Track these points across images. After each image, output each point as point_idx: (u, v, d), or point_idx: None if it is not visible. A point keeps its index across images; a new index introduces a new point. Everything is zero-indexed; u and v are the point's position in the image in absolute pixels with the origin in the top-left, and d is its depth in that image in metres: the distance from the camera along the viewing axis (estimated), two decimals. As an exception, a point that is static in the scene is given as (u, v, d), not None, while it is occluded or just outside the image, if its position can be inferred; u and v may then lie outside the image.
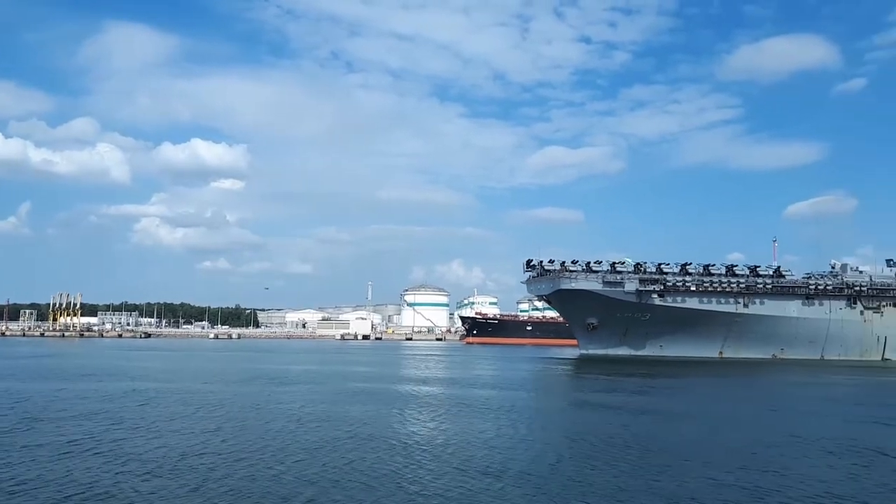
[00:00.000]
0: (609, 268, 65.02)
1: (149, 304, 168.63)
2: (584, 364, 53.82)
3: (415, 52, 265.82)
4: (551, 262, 65.97)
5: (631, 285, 62.79)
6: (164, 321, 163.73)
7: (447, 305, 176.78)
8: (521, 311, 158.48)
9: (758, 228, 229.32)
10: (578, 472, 12.52)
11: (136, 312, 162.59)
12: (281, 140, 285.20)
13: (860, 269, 68.65)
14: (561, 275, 63.54)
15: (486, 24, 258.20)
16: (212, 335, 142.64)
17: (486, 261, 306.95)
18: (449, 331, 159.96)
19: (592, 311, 64.39)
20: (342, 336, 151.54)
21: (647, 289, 62.62)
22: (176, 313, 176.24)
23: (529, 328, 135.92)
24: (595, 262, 65.59)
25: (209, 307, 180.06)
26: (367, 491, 11.06)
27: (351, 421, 18.84)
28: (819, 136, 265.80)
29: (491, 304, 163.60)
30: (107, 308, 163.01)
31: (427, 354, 71.20)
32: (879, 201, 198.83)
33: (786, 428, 18.75)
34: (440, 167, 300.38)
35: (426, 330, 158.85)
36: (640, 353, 64.88)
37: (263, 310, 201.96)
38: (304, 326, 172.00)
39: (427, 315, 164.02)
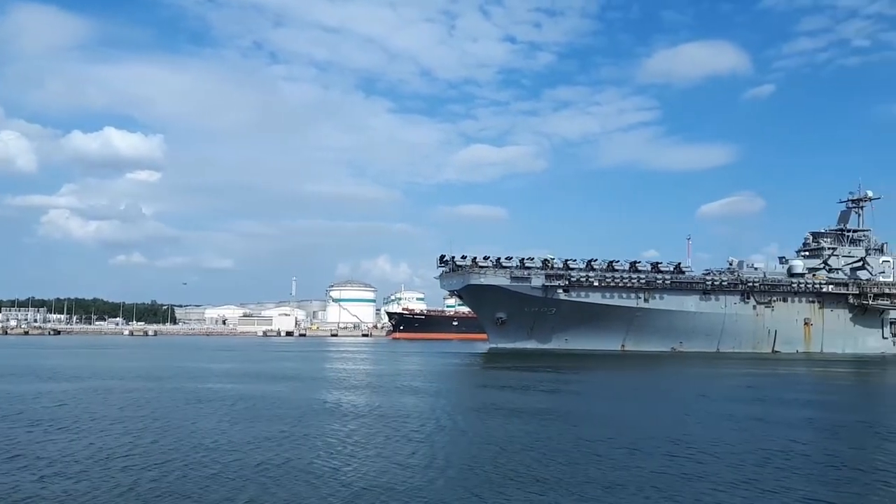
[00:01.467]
0: (518, 263, 66.04)
1: (58, 299, 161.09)
2: (492, 358, 54.55)
3: (341, 45, 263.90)
4: (464, 258, 66.48)
5: (537, 281, 63.98)
6: (74, 318, 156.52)
7: (374, 301, 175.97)
8: (447, 307, 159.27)
9: (673, 227, 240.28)
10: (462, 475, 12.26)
11: (45, 308, 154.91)
12: (200, 131, 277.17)
13: (755, 265, 72.10)
14: (471, 270, 64.15)
15: (413, 20, 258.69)
16: (126, 332, 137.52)
17: (413, 256, 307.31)
18: (375, 327, 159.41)
19: (501, 305, 65.33)
20: (264, 333, 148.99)
21: (553, 284, 63.93)
22: (88, 309, 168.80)
23: (455, 323, 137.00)
24: (506, 259, 66.49)
25: (123, 303, 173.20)
26: (311, 487, 10.98)
27: (280, 419, 18.45)
28: (730, 139, 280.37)
29: (418, 299, 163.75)
30: (11, 304, 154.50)
31: (344, 351, 70.65)
32: (785, 202, 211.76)
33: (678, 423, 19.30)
34: (367, 162, 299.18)
35: (352, 326, 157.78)
36: (546, 346, 66.24)
37: (181, 306, 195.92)
38: (224, 323, 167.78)
39: (353, 311, 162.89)
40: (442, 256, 67.98)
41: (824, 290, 68.19)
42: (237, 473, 11.80)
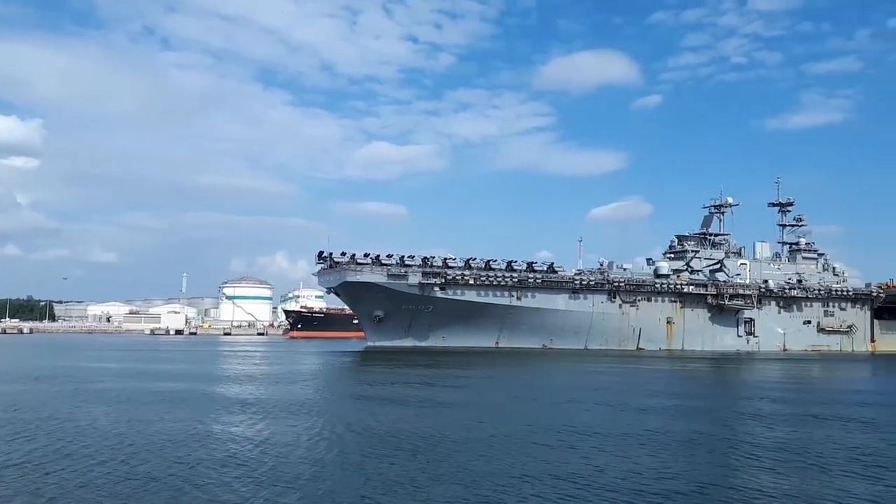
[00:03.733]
0: (398, 261, 66.36)
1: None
2: (369, 357, 54.56)
3: (238, 35, 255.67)
4: (343, 254, 66.07)
5: (414, 278, 64.53)
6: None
7: (270, 299, 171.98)
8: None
9: (566, 229, 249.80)
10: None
11: None
12: (84, 117, 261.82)
13: (624, 266, 75.56)
14: (347, 267, 63.90)
15: (314, 14, 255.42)
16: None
17: (311, 253, 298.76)
18: (272, 325, 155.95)
19: (378, 303, 65.46)
20: (152, 331, 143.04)
21: (430, 282, 64.65)
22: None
23: (356, 321, 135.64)
24: (386, 256, 66.67)
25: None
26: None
27: (164, 421, 17.83)
28: (621, 146, 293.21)
29: (317, 297, 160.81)
30: None
31: (229, 350, 68.79)
32: (670, 207, 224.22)
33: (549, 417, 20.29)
34: (264, 154, 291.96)
35: (247, 324, 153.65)
36: (424, 343, 66.96)
37: (61, 302, 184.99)
38: (108, 320, 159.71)
39: (248, 309, 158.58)
40: (320, 253, 67.39)
41: (685, 290, 72.35)
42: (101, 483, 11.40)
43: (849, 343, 78.69)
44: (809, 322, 77.77)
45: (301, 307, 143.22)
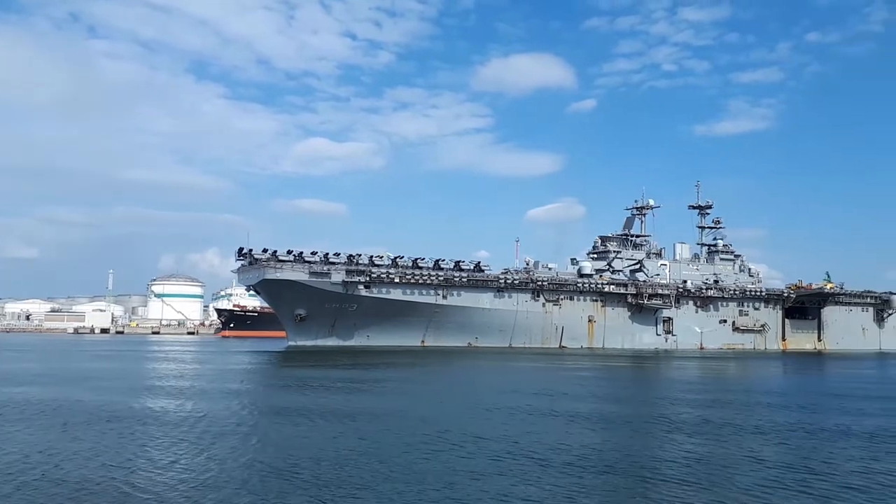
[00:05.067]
0: (322, 258, 65.68)
1: None
2: (290, 357, 53.67)
3: (170, 25, 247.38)
4: (264, 251, 65.00)
5: (338, 276, 63.99)
6: None
7: (202, 297, 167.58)
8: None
9: (504, 229, 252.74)
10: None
11: None
12: (3, 105, 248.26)
13: (549, 266, 76.91)
14: (266, 265, 62.87)
15: (250, 6, 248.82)
16: None
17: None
18: (203, 324, 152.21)
19: (300, 301, 64.63)
20: (76, 330, 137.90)
21: (354, 280, 64.23)
22: None
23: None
24: (311, 254, 65.88)
25: None
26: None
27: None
28: (556, 148, 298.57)
29: (251, 295, 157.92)
30: None
31: (155, 350, 66.80)
32: (602, 209, 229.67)
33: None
34: (196, 149, 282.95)
35: (177, 323, 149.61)
36: (348, 343, 66.52)
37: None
38: (28, 319, 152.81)
39: (178, 307, 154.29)
40: (240, 249, 66.08)
41: (606, 289, 74.13)
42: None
43: (762, 341, 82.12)
44: (725, 321, 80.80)
45: (234, 306, 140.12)
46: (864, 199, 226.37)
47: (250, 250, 65.16)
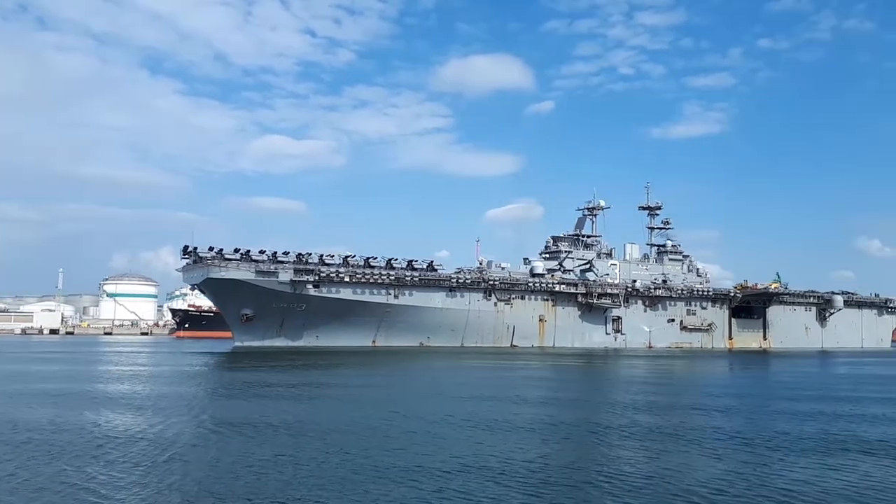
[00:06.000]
0: (270, 257, 64.92)
1: None
2: (236, 358, 52.20)
3: (123, 18, 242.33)
4: (211, 249, 63.93)
5: (285, 275, 63.32)
6: None
7: (156, 297, 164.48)
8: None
9: (464, 229, 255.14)
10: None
11: None
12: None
13: (502, 265, 77.34)
14: (211, 263, 61.86)
15: (208, 1, 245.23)
16: None
17: (201, 249, 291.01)
18: (157, 324, 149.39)
19: (246, 301, 63.75)
20: (24, 331, 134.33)
21: (302, 279, 63.64)
22: None
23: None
24: (259, 252, 65.03)
25: None
26: None
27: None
28: (515, 149, 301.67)
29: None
30: None
31: (105, 351, 65.05)
32: (559, 210, 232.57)
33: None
34: (151, 145, 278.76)
35: (130, 323, 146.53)
36: (297, 343, 65.88)
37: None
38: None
39: (131, 307, 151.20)
40: (185, 247, 64.90)
41: (557, 289, 74.86)
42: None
43: (709, 340, 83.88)
44: (673, 320, 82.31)
45: (189, 306, 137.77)
46: (811, 201, 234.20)
47: (195, 248, 64.03)
